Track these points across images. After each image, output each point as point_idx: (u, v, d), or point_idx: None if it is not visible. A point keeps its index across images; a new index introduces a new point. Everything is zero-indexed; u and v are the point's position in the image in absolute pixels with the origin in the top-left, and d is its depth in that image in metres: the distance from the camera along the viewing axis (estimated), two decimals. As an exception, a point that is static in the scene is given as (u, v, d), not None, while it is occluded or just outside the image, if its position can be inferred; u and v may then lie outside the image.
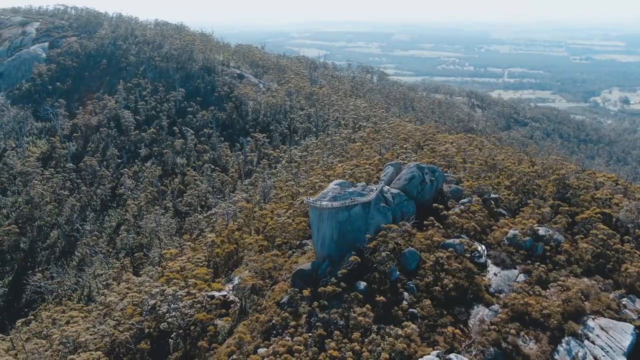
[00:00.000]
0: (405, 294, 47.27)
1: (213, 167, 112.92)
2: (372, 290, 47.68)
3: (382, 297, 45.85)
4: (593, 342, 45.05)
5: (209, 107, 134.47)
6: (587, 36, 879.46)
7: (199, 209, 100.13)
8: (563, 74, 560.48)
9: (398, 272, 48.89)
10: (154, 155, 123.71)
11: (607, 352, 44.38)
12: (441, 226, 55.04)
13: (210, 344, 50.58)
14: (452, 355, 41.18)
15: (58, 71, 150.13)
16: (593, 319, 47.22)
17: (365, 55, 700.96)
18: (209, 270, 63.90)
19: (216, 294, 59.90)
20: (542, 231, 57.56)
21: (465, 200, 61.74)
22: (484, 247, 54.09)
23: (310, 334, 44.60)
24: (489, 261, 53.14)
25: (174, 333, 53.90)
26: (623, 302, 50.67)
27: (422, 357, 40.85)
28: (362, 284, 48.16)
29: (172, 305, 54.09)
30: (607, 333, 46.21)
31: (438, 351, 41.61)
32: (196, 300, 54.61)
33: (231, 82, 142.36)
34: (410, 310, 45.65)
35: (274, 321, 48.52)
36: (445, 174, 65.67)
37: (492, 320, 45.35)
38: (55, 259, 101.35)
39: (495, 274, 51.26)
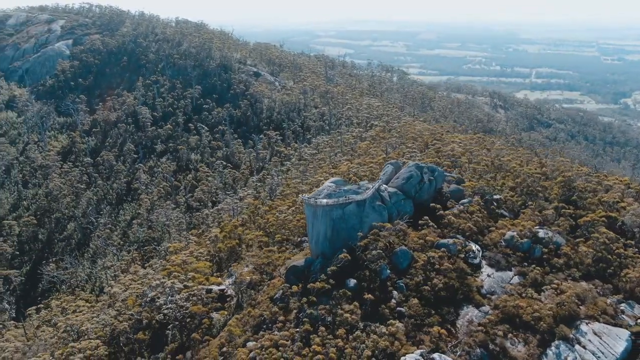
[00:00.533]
0: (395, 292, 47.29)
1: (225, 163, 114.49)
2: (361, 288, 47.86)
3: (370, 295, 46.00)
4: (584, 347, 44.25)
5: (224, 105, 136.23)
6: (620, 36, 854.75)
7: (209, 204, 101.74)
8: (593, 74, 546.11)
9: (389, 271, 48.96)
10: (169, 151, 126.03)
11: (599, 357, 43.54)
12: (435, 226, 54.75)
13: (203, 336, 51.50)
14: (435, 355, 41.09)
15: (80, 68, 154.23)
16: (587, 324, 46.35)
17: (390, 54, 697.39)
18: (210, 264, 65.01)
19: (215, 287, 60.88)
20: (541, 233, 56.72)
21: (465, 200, 61.25)
22: (479, 247, 53.64)
23: (297, 329, 45.09)
24: (484, 262, 52.68)
25: (171, 325, 55.16)
26: (621, 308, 49.62)
27: (405, 355, 40.83)
28: (353, 282, 48.39)
29: (169, 298, 55.30)
30: (600, 338, 45.33)
31: (422, 350, 41.56)
32: (192, 293, 55.64)
33: (247, 79, 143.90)
34: (398, 308, 45.66)
35: (264, 316, 49.22)
36: (447, 174, 65.25)
37: (481, 322, 45.01)
38: (70, 250, 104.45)
39: (488, 275, 50.81)
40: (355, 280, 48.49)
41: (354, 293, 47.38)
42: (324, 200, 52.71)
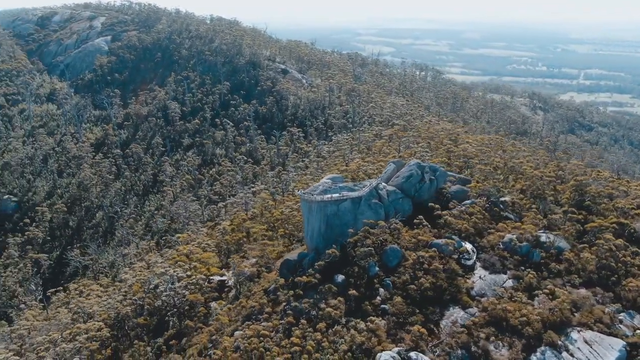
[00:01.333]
0: (381, 290, 47.40)
1: (246, 158, 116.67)
2: (349, 284, 48.22)
3: (354, 291, 46.34)
4: (572, 355, 43.05)
5: (251, 101, 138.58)
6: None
7: (228, 197, 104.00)
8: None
9: (377, 268, 49.09)
10: (195, 145, 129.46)
11: (587, 366, 42.37)
12: (429, 225, 54.33)
13: (197, 324, 53.17)
14: (412, 353, 41.04)
15: (117, 63, 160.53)
16: (578, 331, 45.03)
17: (432, 53, 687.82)
18: (214, 255, 66.75)
19: (216, 278, 62.69)
20: (543, 238, 55.35)
21: (468, 201, 60.40)
22: (474, 249, 52.88)
23: (282, 321, 45.97)
24: (478, 264, 51.93)
25: (170, 311, 57.20)
26: (620, 317, 47.89)
27: (382, 352, 40.97)
28: (340, 277, 48.83)
29: (169, 285, 57.28)
30: (591, 347, 43.96)
31: (400, 348, 41.59)
32: (191, 282, 57.43)
33: (275, 76, 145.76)
34: (382, 306, 45.78)
35: (254, 307, 50.36)
36: (451, 174, 64.45)
37: (465, 323, 44.52)
38: (97, 238, 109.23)
39: (480, 277, 50.07)
40: (343, 276, 48.91)
41: (341, 288, 47.81)
42: (319, 197, 53.24)
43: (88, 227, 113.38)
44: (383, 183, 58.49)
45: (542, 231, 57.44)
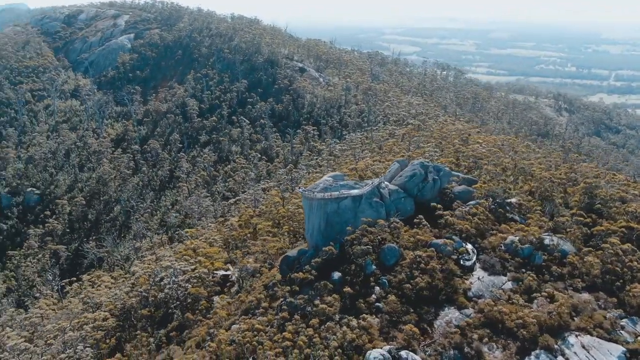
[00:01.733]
0: (377, 288, 47.39)
1: (260, 156, 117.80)
2: (345, 282, 48.38)
3: (349, 289, 46.48)
4: (568, 359, 42.40)
5: (268, 99, 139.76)
6: None
7: (240, 194, 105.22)
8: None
9: (374, 266, 49.09)
10: (212, 142, 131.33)
11: (582, 371, 41.66)
12: (428, 225, 54.05)
13: (196, 317, 54.13)
14: (403, 352, 40.99)
15: (139, 60, 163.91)
16: (576, 336, 44.26)
17: (458, 52, 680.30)
18: (219, 250, 67.74)
19: (221, 272, 63.63)
20: (547, 240, 54.45)
21: (472, 202, 59.82)
22: (474, 250, 52.40)
23: (277, 317, 46.45)
24: (478, 265, 51.43)
25: (174, 304, 58.37)
26: (622, 323, 46.85)
27: (372, 349, 41.06)
28: (337, 275, 48.98)
29: (172, 278, 58.44)
30: (588, 352, 43.17)
31: (391, 346, 41.59)
32: (193, 275, 58.45)
33: (292, 75, 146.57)
34: (376, 304, 45.78)
35: (252, 302, 51.01)
36: (456, 174, 63.91)
37: (459, 324, 44.22)
38: (114, 231, 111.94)
39: (479, 279, 49.59)
40: (339, 274, 49.06)
41: (337, 286, 47.98)
42: (319, 194, 53.55)
43: (106, 220, 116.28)
44: (385, 182, 58.40)
45: (546, 234, 56.53)
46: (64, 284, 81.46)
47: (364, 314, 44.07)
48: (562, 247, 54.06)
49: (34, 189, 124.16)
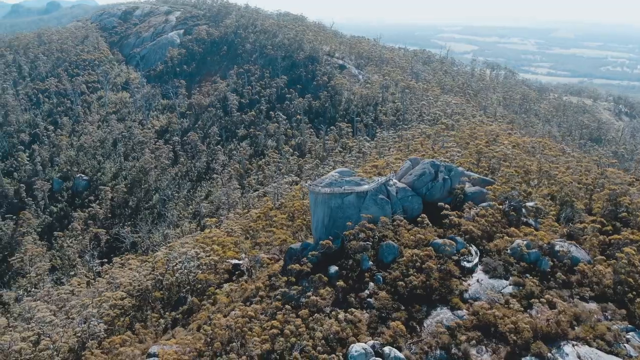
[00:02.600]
0: (371, 284, 47.62)
1: (293, 151, 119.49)
2: (340, 276, 48.92)
3: (342, 283, 47.01)
4: (559, 369, 41.06)
5: (306, 95, 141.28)
6: None
7: (267, 187, 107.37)
8: None
9: (370, 262, 49.34)
10: (249, 136, 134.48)
11: (574, 382, 40.22)
12: (431, 224, 53.46)
13: (202, 302, 56.34)
14: (386, 348, 41.12)
15: (186, 55, 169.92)
16: (573, 345, 42.71)
17: (517, 52, 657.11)
18: (236, 239, 69.81)
19: (233, 261, 65.69)
20: (558, 246, 52.58)
21: (485, 204, 58.60)
22: (477, 252, 51.44)
23: (270, 306, 47.70)
24: (479, 267, 50.48)
25: (185, 288, 60.99)
26: (627, 336, 44.75)
27: (356, 342, 41.46)
28: (334, 269, 49.64)
29: (184, 264, 60.99)
30: (583, 363, 41.61)
31: (375, 342, 41.82)
32: (204, 262, 60.72)
33: (331, 71, 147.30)
34: (368, 299, 46.09)
35: (253, 290, 52.57)
36: (468, 173, 62.63)
37: (450, 324, 43.73)
38: (152, 218, 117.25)
39: (478, 281, 48.68)
40: (336, 268, 49.69)
41: (332, 279, 48.65)
42: (324, 189, 54.25)
43: (145, 207, 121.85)
44: (394, 180, 58.26)
45: (560, 240, 54.60)
46: (96, 264, 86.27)
47: (352, 308, 44.47)
48: (574, 254, 52.02)
49: (83, 175, 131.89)
